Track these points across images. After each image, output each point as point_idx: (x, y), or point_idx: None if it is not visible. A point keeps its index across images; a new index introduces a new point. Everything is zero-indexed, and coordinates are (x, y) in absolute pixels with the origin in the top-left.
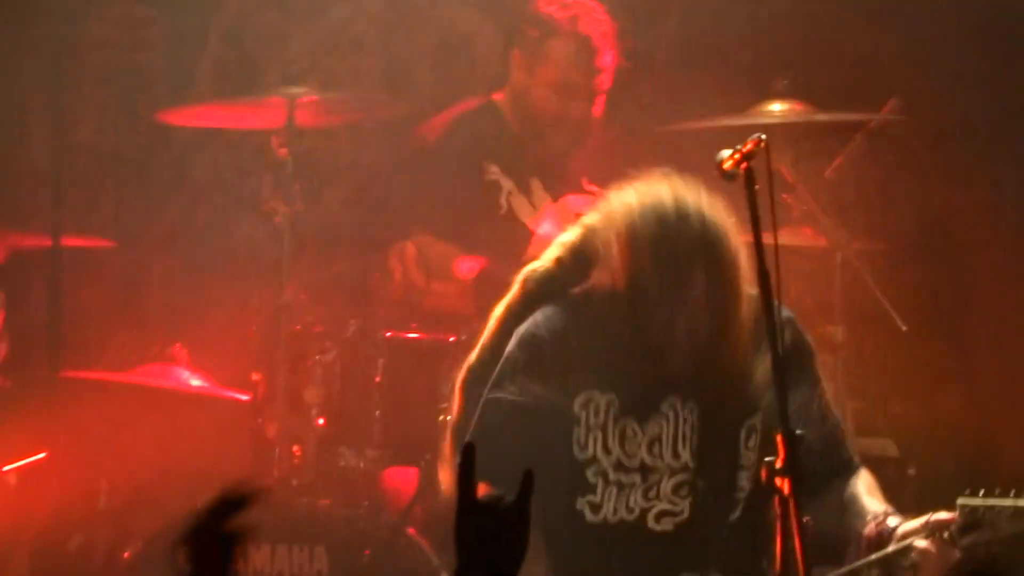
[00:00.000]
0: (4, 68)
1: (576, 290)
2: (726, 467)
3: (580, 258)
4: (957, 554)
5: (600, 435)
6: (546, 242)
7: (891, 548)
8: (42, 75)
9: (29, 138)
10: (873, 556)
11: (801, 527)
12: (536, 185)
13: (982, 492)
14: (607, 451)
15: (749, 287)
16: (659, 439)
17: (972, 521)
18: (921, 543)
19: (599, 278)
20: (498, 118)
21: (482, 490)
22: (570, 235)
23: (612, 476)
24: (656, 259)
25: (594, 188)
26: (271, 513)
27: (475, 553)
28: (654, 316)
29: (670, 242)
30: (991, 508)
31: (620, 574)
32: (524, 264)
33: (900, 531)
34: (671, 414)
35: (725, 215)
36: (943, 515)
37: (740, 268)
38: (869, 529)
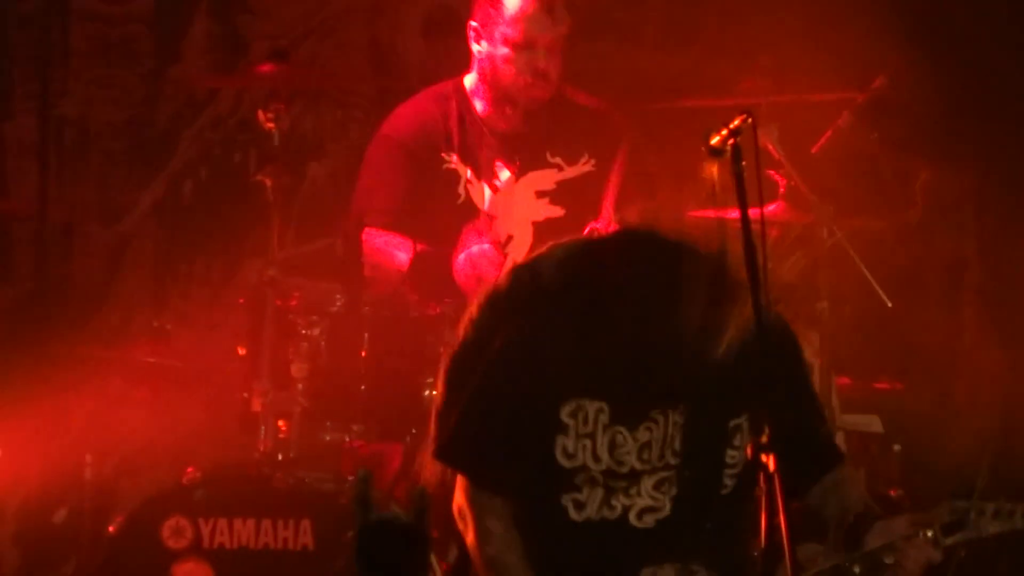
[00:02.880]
0: None
1: (565, 294)
2: (711, 466)
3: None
4: (939, 555)
5: (589, 443)
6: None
7: (875, 545)
8: (28, 48)
9: (15, 111)
10: (856, 553)
11: (786, 503)
12: (499, 167)
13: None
14: (596, 459)
15: (736, 274)
16: (648, 444)
17: (956, 521)
18: (904, 541)
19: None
20: (462, 101)
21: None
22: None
23: (601, 481)
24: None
25: (557, 160)
26: (258, 490)
27: (376, 571)
28: (642, 323)
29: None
30: (976, 509)
31: (600, 568)
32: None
33: (883, 528)
34: (660, 419)
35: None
36: (927, 514)
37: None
38: (852, 523)
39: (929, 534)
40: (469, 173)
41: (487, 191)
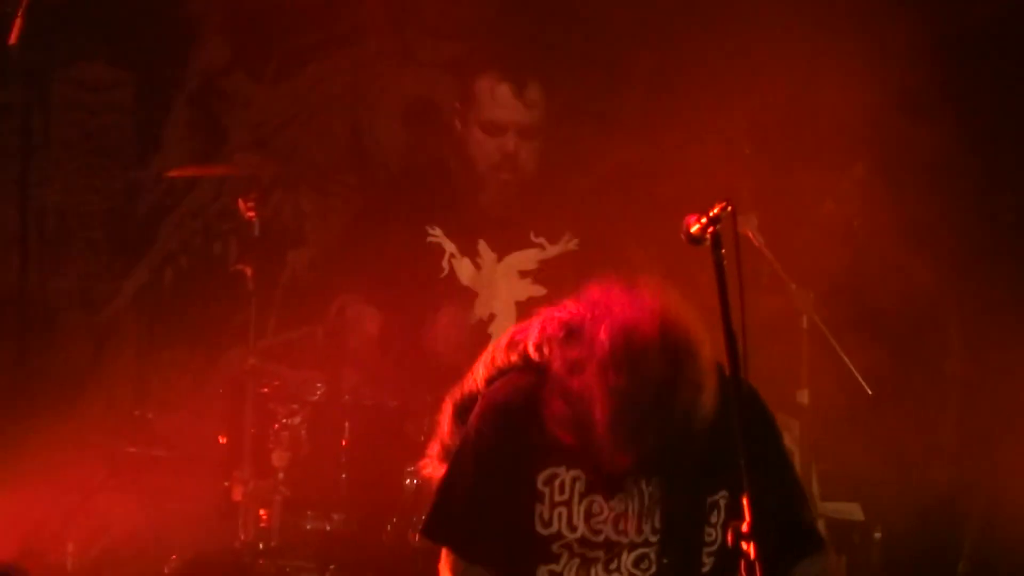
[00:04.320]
0: None
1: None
2: (690, 542)
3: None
4: None
5: (565, 511)
6: (491, 304)
7: None
8: (10, 137)
9: None
10: None
11: None
12: (482, 246)
13: None
14: (572, 528)
15: (714, 361)
16: (625, 515)
17: None
18: None
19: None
20: (445, 178)
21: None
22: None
23: (577, 550)
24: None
25: (541, 240)
26: None
27: None
28: (623, 400)
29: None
30: None
31: None
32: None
33: None
34: (635, 491)
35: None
36: None
37: (705, 357)
38: None
39: None
40: (453, 248)
41: (470, 267)
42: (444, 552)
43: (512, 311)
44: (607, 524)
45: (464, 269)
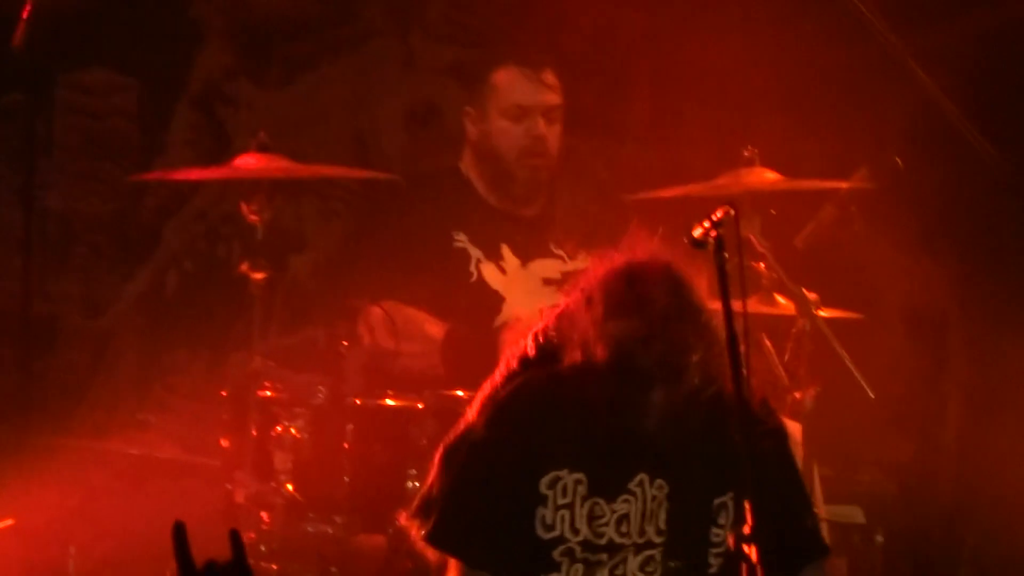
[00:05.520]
0: None
1: (554, 368)
2: (696, 544)
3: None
4: None
5: (568, 515)
6: (516, 309)
7: None
8: (12, 141)
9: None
10: None
11: None
12: (506, 251)
13: None
14: (575, 531)
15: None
16: (627, 517)
17: None
18: None
19: (574, 356)
20: (464, 184)
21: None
22: (549, 316)
23: (579, 555)
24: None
25: (561, 253)
26: None
27: None
28: (631, 395)
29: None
30: None
31: None
32: (496, 331)
33: None
34: (639, 491)
35: (700, 290)
36: None
37: (718, 342)
38: None
39: None
40: (479, 253)
41: (496, 272)
42: (451, 560)
43: (537, 317)
44: (610, 526)
45: (491, 274)
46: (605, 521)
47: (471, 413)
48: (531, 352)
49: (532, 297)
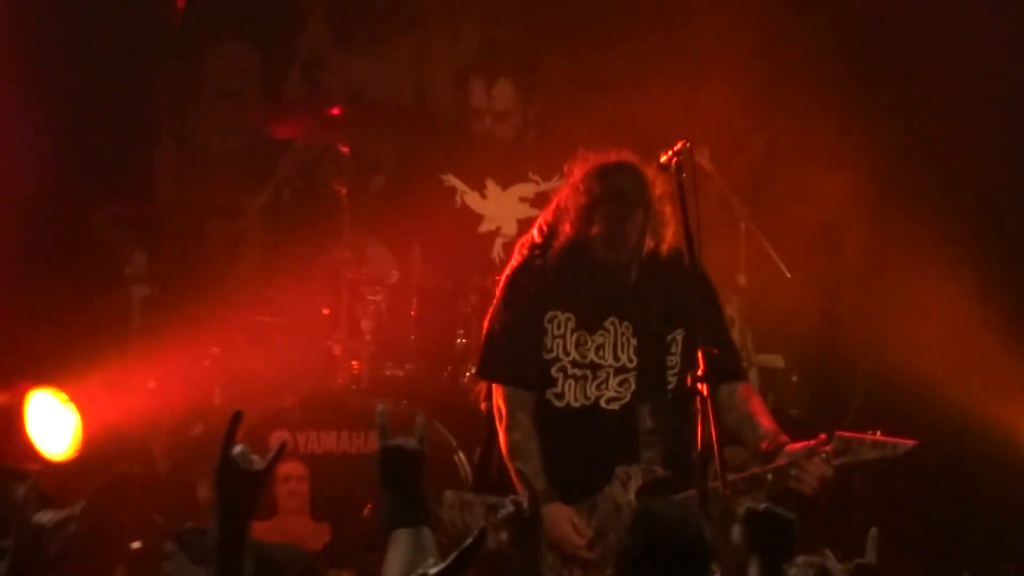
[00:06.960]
0: (143, 89)
1: (551, 244)
2: (656, 367)
3: (552, 224)
4: (831, 471)
5: (562, 342)
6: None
7: (783, 461)
8: (168, 94)
9: (162, 140)
10: (769, 466)
11: (717, 418)
12: (490, 182)
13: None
14: (566, 352)
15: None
16: (603, 346)
17: (842, 448)
18: (805, 460)
19: (563, 230)
20: (465, 133)
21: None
22: (546, 211)
23: (569, 371)
24: (604, 205)
25: (536, 177)
26: (338, 410)
27: (390, 480)
28: (601, 253)
29: (614, 191)
30: (857, 440)
31: (584, 442)
32: (482, 236)
33: (789, 449)
34: (612, 328)
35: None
36: (821, 443)
37: (668, 213)
38: (765, 444)
39: (823, 456)
40: (464, 186)
41: (477, 198)
42: (494, 386)
43: (514, 225)
44: (591, 351)
45: (474, 200)
46: (587, 348)
47: (498, 289)
48: (537, 239)
49: (511, 211)
